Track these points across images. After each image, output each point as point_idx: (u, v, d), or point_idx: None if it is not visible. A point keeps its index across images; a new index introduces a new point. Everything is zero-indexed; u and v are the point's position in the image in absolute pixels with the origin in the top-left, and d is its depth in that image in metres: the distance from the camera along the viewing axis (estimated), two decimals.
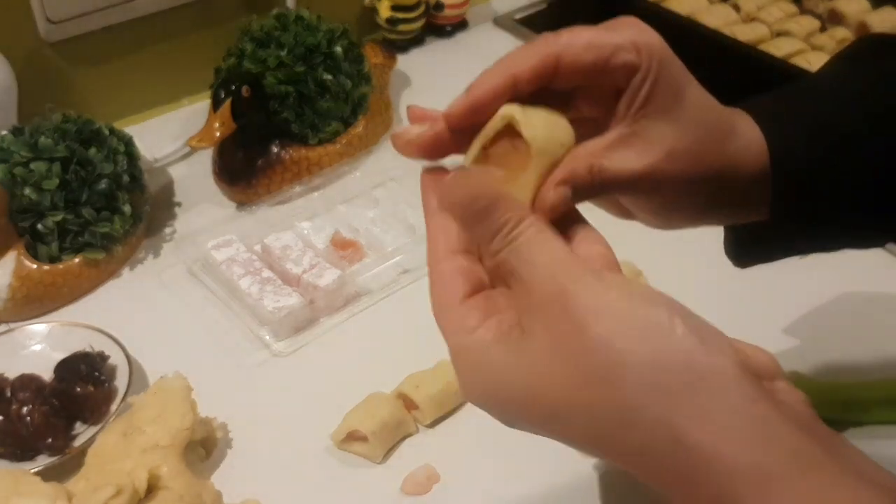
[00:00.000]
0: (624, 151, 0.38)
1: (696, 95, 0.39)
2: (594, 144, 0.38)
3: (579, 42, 0.38)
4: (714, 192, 0.40)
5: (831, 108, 0.42)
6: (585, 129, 0.39)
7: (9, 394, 0.59)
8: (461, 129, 0.37)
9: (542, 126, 0.36)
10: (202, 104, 0.84)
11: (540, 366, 0.31)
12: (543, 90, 0.38)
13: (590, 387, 0.29)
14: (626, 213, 0.43)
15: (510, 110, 0.36)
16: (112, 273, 0.73)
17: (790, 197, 0.41)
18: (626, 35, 0.38)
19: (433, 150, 0.38)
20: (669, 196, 0.39)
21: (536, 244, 0.33)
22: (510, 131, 0.36)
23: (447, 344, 0.35)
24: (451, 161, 0.39)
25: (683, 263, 0.71)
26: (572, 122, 0.38)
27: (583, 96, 0.39)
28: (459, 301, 0.34)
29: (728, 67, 0.88)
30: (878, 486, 0.27)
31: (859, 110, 0.42)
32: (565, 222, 0.36)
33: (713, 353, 0.29)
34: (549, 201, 0.35)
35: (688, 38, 0.93)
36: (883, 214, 0.43)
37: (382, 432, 0.57)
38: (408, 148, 0.38)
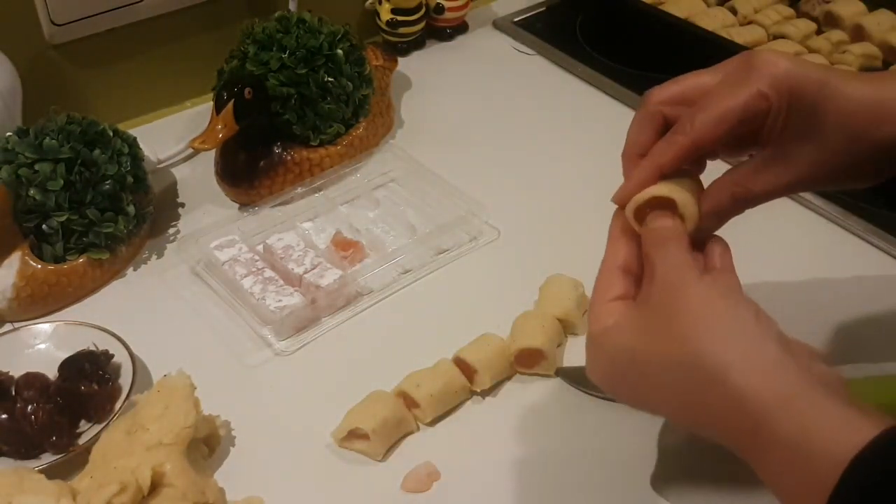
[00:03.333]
0: (766, 173, 0.45)
1: (838, 104, 0.43)
2: (738, 172, 0.46)
3: (713, 119, 0.44)
4: (865, 170, 0.45)
5: None
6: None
7: (14, 392, 0.60)
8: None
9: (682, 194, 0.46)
10: (205, 106, 0.85)
11: (645, 333, 0.42)
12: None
13: (675, 347, 0.41)
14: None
15: (653, 191, 0.47)
16: (116, 273, 0.73)
17: None
18: (753, 87, 0.43)
19: None
20: (825, 187, 0.47)
21: (670, 253, 0.43)
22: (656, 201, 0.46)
23: (589, 332, 0.46)
24: None
25: None
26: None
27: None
28: (608, 300, 0.45)
29: None
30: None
31: None
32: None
33: (763, 325, 0.40)
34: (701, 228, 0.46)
35: (685, 41, 0.93)
36: None
37: (383, 430, 0.57)
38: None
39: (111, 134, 0.73)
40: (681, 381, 0.41)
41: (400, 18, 0.98)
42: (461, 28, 1.05)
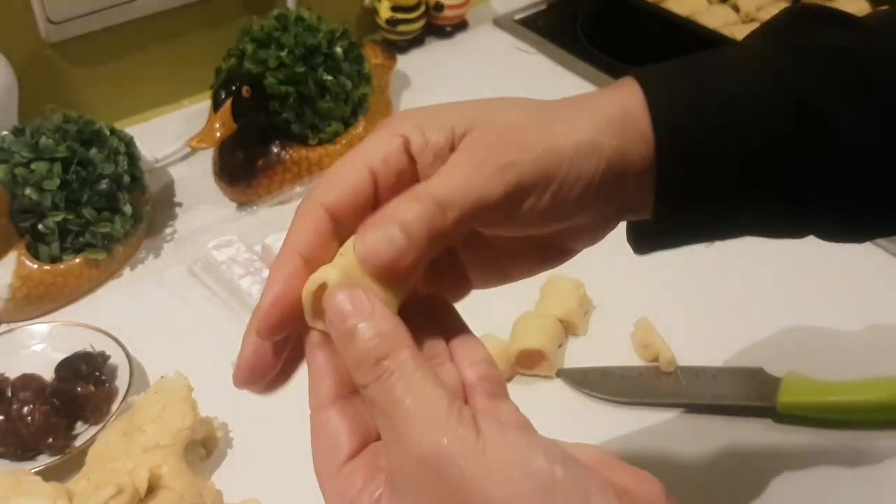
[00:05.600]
0: (440, 178, 0.32)
1: (485, 114, 0.34)
2: (419, 184, 0.33)
3: (342, 172, 0.34)
4: (565, 194, 0.34)
5: (726, 83, 0.37)
6: None
7: (10, 394, 0.60)
8: (282, 333, 0.33)
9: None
10: (203, 105, 0.84)
11: None
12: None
13: None
14: (503, 269, 0.39)
15: (319, 277, 0.31)
16: (113, 273, 0.73)
17: (676, 177, 0.36)
18: (385, 133, 0.34)
19: (265, 371, 0.34)
20: (533, 215, 0.34)
21: (411, 386, 0.28)
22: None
23: None
24: None
25: (680, 263, 0.71)
26: None
27: None
28: (341, 464, 0.31)
29: None
30: None
31: (757, 84, 0.36)
32: (442, 323, 0.34)
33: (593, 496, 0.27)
34: (369, 249, 0.31)
35: (687, 39, 0.93)
36: (782, 197, 0.37)
37: None
38: (246, 382, 0.34)
39: (108, 133, 0.72)
40: None
41: (399, 16, 0.98)
42: (461, 26, 1.04)
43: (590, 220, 0.37)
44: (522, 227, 0.35)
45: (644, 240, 0.40)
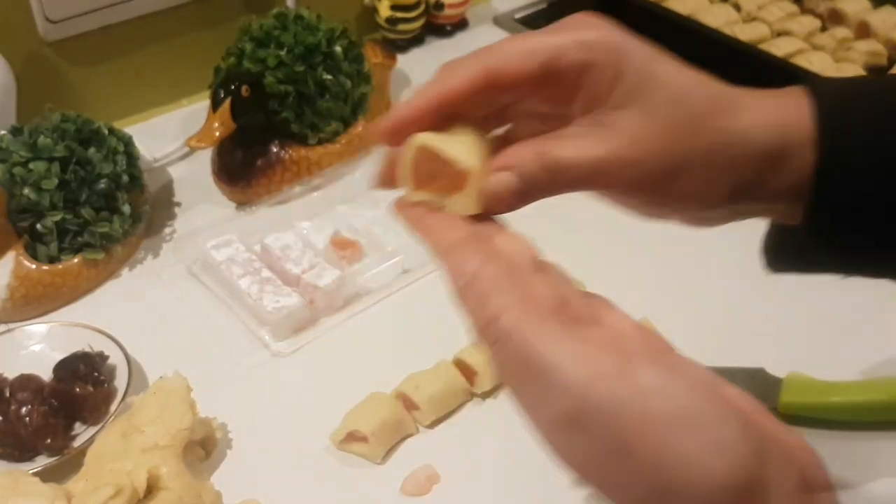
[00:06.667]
0: (581, 139, 0.35)
1: (674, 77, 0.36)
2: (550, 135, 0.35)
3: (518, 50, 0.35)
4: (714, 177, 0.36)
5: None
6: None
7: (8, 394, 0.59)
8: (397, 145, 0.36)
9: (462, 143, 0.34)
10: (202, 104, 0.84)
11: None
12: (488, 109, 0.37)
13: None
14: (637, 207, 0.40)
15: (421, 139, 0.34)
16: (111, 273, 0.72)
17: (835, 199, 0.35)
18: (571, 35, 0.35)
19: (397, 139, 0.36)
20: (655, 188, 0.36)
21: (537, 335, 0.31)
22: (433, 160, 0.34)
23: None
24: None
25: (681, 263, 0.71)
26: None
27: (538, 108, 0.37)
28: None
29: (728, 67, 0.88)
30: None
31: None
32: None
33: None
34: (491, 189, 0.34)
35: (688, 38, 0.93)
36: None
37: (382, 432, 0.57)
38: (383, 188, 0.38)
39: (106, 132, 0.72)
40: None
41: (399, 15, 0.97)
42: (461, 25, 1.04)
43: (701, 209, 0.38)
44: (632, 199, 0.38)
45: (781, 257, 0.39)
